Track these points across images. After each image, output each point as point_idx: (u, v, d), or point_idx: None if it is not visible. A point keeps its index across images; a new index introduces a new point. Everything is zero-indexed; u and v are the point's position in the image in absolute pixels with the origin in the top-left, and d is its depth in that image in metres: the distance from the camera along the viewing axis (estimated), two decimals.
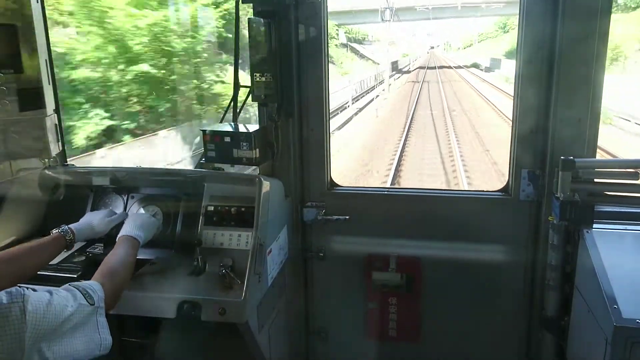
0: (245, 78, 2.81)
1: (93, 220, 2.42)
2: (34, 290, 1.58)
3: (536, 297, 2.85)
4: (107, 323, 1.79)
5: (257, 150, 2.69)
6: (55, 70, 2.87)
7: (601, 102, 2.53)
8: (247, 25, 2.63)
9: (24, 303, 1.50)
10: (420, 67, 59.79)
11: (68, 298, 1.66)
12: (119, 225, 2.43)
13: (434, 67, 56.52)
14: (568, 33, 2.47)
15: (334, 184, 3.07)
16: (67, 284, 1.76)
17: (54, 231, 2.20)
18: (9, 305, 1.48)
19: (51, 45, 2.81)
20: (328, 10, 2.82)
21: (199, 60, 12.36)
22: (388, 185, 11.86)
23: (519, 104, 2.68)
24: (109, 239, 2.44)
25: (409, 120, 20.04)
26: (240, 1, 2.65)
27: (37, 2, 2.62)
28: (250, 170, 2.93)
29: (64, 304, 1.63)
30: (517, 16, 2.67)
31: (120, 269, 2.07)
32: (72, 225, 2.26)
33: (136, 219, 2.42)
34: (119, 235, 2.30)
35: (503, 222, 2.86)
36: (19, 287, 1.55)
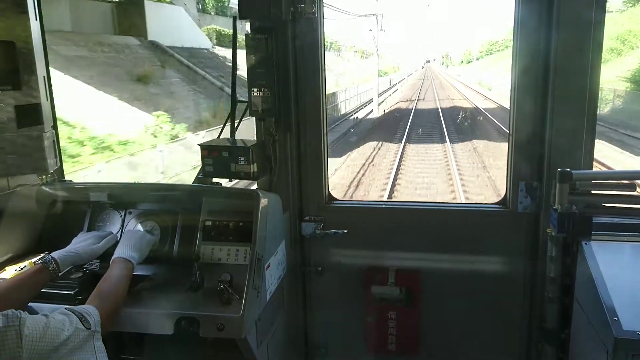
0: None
1: (78, 248, 2.37)
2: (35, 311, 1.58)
3: (536, 310, 2.84)
4: (104, 347, 1.78)
5: (255, 164, 2.70)
6: None
7: (597, 113, 2.55)
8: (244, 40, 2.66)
9: (20, 326, 1.50)
10: (403, 103, 33.95)
11: (64, 322, 1.66)
12: (115, 244, 2.42)
13: (436, 114, 25.92)
14: (562, 44, 2.49)
15: (332, 198, 3.07)
16: (63, 308, 1.75)
17: (37, 262, 2.18)
18: (5, 328, 1.48)
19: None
20: (325, 26, 2.85)
21: None
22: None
23: (516, 116, 2.70)
24: (105, 255, 2.43)
25: None
26: (238, 17, 2.68)
27: (36, 19, 2.64)
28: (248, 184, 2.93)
29: (60, 327, 1.62)
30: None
31: (115, 293, 2.07)
32: (55, 254, 2.22)
33: (130, 239, 2.40)
34: (113, 257, 2.29)
35: (501, 234, 2.86)
36: (15, 310, 1.54)
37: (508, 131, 2.81)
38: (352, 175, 14.31)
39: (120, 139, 16.42)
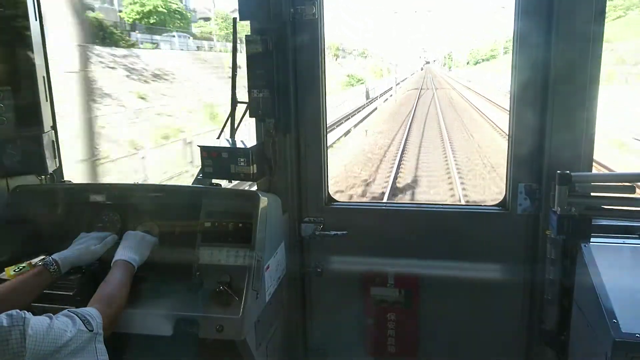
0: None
1: (79, 249, 2.35)
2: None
3: (535, 312, 2.84)
4: (105, 350, 1.79)
5: (255, 166, 2.70)
6: None
7: (596, 122, 2.57)
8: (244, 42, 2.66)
9: (25, 327, 1.51)
10: None
11: (67, 323, 1.67)
12: (115, 245, 2.41)
13: None
14: (562, 57, 2.52)
15: (331, 200, 3.07)
16: (66, 310, 1.76)
17: (38, 263, 2.18)
18: (10, 328, 1.49)
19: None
20: (325, 27, 2.86)
21: None
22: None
23: (515, 123, 2.71)
24: (104, 256, 2.42)
25: None
26: (238, 18, 2.68)
27: (36, 19, 2.64)
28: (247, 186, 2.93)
29: (63, 329, 1.63)
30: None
31: (117, 295, 2.07)
32: (56, 256, 2.21)
33: (131, 241, 2.39)
34: (114, 260, 2.28)
35: (501, 237, 2.86)
36: (19, 311, 1.55)
37: (507, 132, 2.82)
38: None
39: None
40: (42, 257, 2.30)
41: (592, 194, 2.48)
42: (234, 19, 2.74)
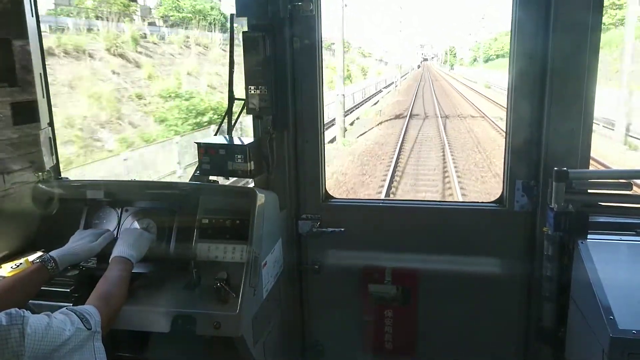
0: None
1: (76, 246, 2.34)
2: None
3: (532, 309, 2.85)
4: (103, 348, 1.78)
5: (252, 162, 2.69)
6: None
7: (593, 115, 2.56)
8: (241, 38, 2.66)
9: (24, 325, 1.50)
10: None
11: (66, 322, 1.66)
12: (112, 242, 2.41)
13: None
14: (559, 47, 2.51)
15: (329, 196, 3.07)
16: (64, 308, 1.75)
17: (36, 261, 2.17)
18: (9, 327, 1.48)
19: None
20: (322, 24, 2.85)
21: None
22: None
23: (512, 117, 2.71)
24: (101, 252, 2.42)
25: None
26: (235, 15, 2.67)
27: (32, 16, 2.63)
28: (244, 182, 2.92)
29: (61, 327, 1.63)
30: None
31: (115, 292, 2.06)
32: (54, 253, 2.20)
33: (129, 238, 2.39)
34: (112, 256, 2.28)
35: (498, 233, 2.86)
36: (18, 309, 1.54)
37: (505, 130, 2.82)
38: None
39: None
40: (40, 254, 2.30)
41: (589, 190, 2.48)
42: (231, 15, 2.73)
